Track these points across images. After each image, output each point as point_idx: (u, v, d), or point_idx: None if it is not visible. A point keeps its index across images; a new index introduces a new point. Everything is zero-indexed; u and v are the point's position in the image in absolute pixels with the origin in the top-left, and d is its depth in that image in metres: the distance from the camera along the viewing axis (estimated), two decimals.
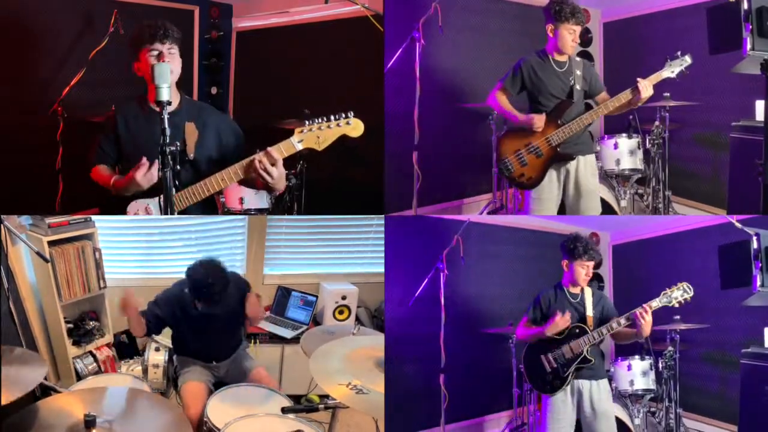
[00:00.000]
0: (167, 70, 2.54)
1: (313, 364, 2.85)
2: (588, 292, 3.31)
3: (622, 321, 3.16)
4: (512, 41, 4.53)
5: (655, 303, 3.09)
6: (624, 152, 4.09)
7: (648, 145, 4.13)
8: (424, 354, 4.04)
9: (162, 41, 2.73)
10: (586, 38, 4.97)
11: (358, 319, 4.58)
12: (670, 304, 3.11)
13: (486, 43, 4.59)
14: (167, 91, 2.48)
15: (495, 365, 4.33)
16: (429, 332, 4.00)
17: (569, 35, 3.29)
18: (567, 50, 3.33)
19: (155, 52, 2.72)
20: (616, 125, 4.39)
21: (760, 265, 3.19)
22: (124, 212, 2.79)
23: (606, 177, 4.18)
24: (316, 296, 4.56)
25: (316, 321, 4.54)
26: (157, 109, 2.74)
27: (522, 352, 3.40)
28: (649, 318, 3.06)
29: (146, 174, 2.62)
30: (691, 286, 3.11)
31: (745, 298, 3.43)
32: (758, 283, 3.24)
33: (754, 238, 3.17)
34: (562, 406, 3.23)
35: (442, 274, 3.91)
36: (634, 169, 4.12)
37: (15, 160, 3.91)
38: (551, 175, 3.40)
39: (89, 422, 2.29)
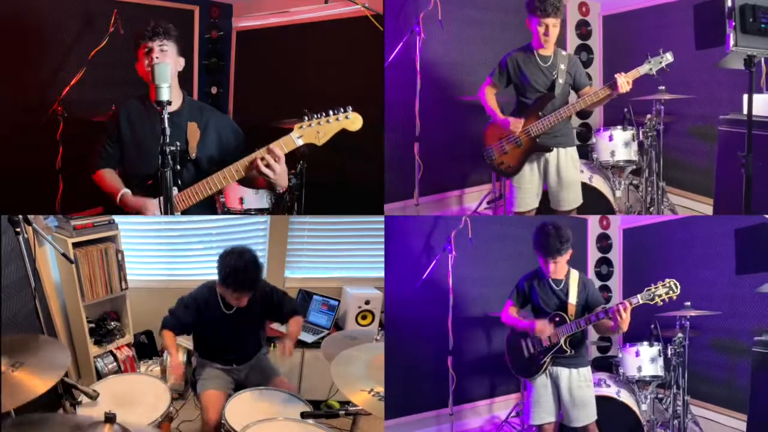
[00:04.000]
0: (167, 69, 2.53)
1: (335, 369, 2.82)
2: (573, 279, 3.23)
3: (601, 315, 3.07)
4: (511, 34, 4.55)
5: (636, 300, 2.97)
6: (619, 144, 4.16)
7: (641, 137, 4.16)
8: (432, 336, 4.05)
9: (152, 39, 2.75)
10: (584, 31, 5.01)
11: (382, 325, 4.48)
12: (653, 302, 2.96)
13: (485, 37, 4.63)
14: (167, 91, 2.48)
15: (503, 348, 4.33)
16: (437, 314, 4.00)
17: (554, 28, 3.34)
18: (549, 43, 3.38)
19: (146, 50, 2.76)
20: (615, 118, 4.42)
21: None
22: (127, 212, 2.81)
23: (601, 168, 4.23)
24: (339, 300, 4.50)
25: (338, 326, 4.49)
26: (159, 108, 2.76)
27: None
28: (626, 316, 2.93)
29: (155, 205, 2.67)
30: (678, 284, 2.95)
31: (759, 285, 3.39)
32: None
33: None
34: (543, 391, 3.24)
35: (450, 256, 3.93)
36: (628, 160, 4.18)
37: (15, 160, 3.91)
38: (532, 166, 3.51)
39: (110, 419, 2.29)
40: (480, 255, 4.30)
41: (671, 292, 2.96)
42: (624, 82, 3.22)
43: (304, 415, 2.72)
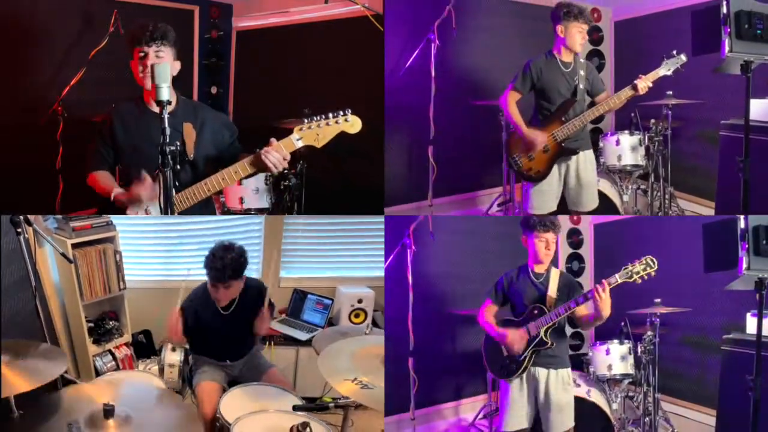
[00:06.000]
0: (167, 69, 2.50)
1: (321, 361, 2.88)
2: (554, 274, 3.19)
3: (580, 300, 3.01)
4: (522, 41, 4.65)
5: (614, 279, 2.93)
6: (626, 148, 4.17)
7: (647, 142, 4.18)
8: (392, 335, 3.90)
9: (148, 44, 2.71)
10: (596, 37, 5.07)
11: (374, 323, 4.47)
12: (631, 280, 2.92)
13: (498, 43, 4.69)
14: (167, 91, 2.45)
15: (466, 347, 4.26)
16: (398, 313, 3.93)
17: (579, 34, 3.47)
18: (576, 48, 3.51)
19: (141, 54, 2.72)
20: (625, 123, 4.42)
21: (747, 246, 3.12)
22: (123, 212, 2.80)
23: (608, 172, 4.24)
24: (332, 299, 4.54)
25: (331, 324, 4.51)
26: (153, 109, 2.74)
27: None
28: (605, 296, 2.90)
29: (147, 190, 2.63)
30: (654, 260, 2.90)
31: (728, 282, 3.37)
32: (744, 265, 3.17)
33: (741, 217, 3.10)
34: (518, 396, 3.16)
35: (409, 251, 3.86)
36: (635, 165, 4.19)
37: (15, 160, 3.91)
38: (556, 168, 3.59)
39: (108, 411, 2.31)
40: (442, 249, 4.25)
41: (648, 268, 2.92)
42: (645, 85, 3.38)
43: (296, 408, 2.79)
